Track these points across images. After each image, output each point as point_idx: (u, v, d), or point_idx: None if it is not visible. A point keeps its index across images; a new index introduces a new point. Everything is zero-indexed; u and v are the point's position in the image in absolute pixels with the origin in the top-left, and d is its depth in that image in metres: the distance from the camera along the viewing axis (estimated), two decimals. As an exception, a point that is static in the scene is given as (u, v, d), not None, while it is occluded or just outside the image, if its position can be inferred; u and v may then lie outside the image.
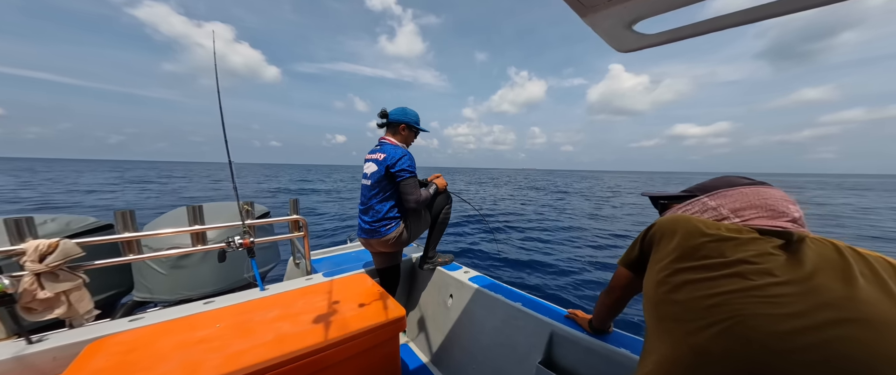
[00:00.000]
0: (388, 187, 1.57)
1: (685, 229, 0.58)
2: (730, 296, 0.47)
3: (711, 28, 0.56)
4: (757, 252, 0.50)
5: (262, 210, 2.35)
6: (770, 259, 0.48)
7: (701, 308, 0.49)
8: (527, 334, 1.30)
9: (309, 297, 1.27)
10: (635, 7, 0.53)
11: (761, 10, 0.50)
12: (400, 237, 1.62)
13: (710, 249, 0.53)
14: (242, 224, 1.53)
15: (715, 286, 0.49)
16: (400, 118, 1.66)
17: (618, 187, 28.26)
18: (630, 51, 0.70)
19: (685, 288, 0.52)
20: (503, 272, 4.78)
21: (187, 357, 0.88)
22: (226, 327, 1.05)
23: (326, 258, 2.20)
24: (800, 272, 0.46)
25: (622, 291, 0.82)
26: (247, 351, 0.91)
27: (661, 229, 0.63)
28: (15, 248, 1.06)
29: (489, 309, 1.51)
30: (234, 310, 1.18)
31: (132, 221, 1.39)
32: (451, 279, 1.78)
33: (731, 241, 0.53)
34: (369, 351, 1.09)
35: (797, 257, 0.48)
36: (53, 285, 1.09)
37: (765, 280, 0.46)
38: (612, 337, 1.10)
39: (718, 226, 0.57)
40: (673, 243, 0.58)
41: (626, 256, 0.75)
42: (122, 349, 0.92)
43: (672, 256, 0.57)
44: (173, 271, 1.73)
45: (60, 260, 1.11)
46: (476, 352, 1.51)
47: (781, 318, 0.43)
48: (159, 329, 1.04)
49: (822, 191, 32.51)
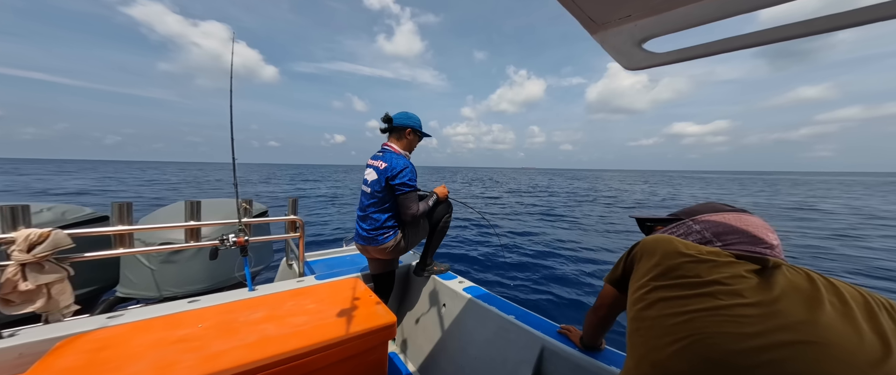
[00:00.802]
0: (387, 197, 1.55)
1: (665, 249, 0.61)
2: (697, 314, 0.50)
3: (722, 49, 0.56)
4: (730, 275, 0.52)
5: (260, 209, 2.33)
6: (742, 282, 0.50)
7: (667, 326, 0.52)
8: (518, 347, 1.27)
9: (298, 299, 1.23)
10: (646, 26, 0.53)
11: (771, 32, 0.50)
12: (397, 245, 1.59)
13: (688, 269, 0.55)
14: (239, 222, 1.50)
15: (685, 304, 0.52)
16: (405, 123, 1.64)
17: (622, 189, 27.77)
18: (639, 69, 0.69)
19: (657, 305, 0.55)
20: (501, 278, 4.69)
21: (162, 356, 0.84)
22: (208, 326, 1.01)
23: (321, 261, 2.16)
24: (767, 296, 0.48)
25: (608, 309, 0.84)
26: (226, 352, 0.87)
27: (644, 248, 0.66)
28: (3, 236, 1.04)
29: (481, 321, 1.47)
30: (218, 310, 1.14)
31: (128, 214, 1.37)
32: (445, 288, 1.74)
33: (708, 263, 0.54)
34: (356, 357, 1.05)
35: (769, 282, 0.50)
36: (36, 276, 1.06)
37: (733, 301, 0.49)
38: (603, 355, 1.08)
39: (698, 248, 0.59)
40: (653, 261, 0.61)
41: (611, 274, 0.76)
42: (94, 346, 0.87)
43: (651, 274, 0.59)
44: (162, 267, 1.69)
45: (49, 251, 1.08)
46: (464, 364, 1.47)
47: (742, 337, 0.45)
48: (137, 327, 1.00)
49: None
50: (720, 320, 0.48)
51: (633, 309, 0.59)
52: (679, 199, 19.81)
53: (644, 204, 16.31)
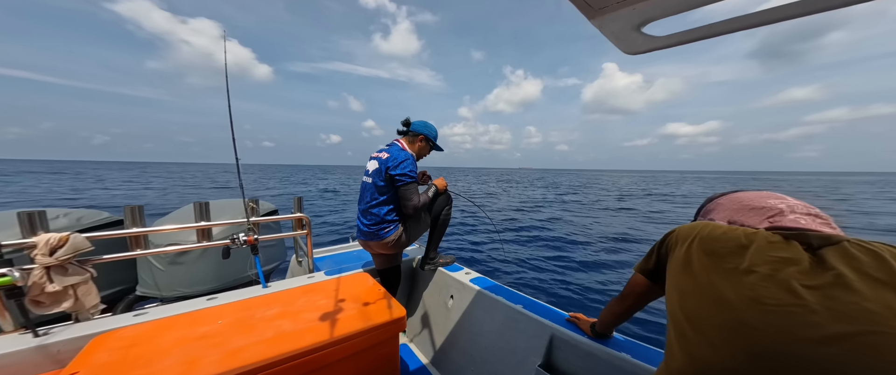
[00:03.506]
0: (387, 190, 1.57)
1: (703, 235, 0.58)
2: (743, 302, 0.46)
3: (722, 30, 0.55)
4: (778, 258, 0.48)
5: (268, 208, 2.37)
6: (791, 265, 0.46)
7: (712, 315, 0.48)
8: (527, 337, 1.29)
9: (310, 295, 1.28)
10: (645, 9, 0.52)
11: (771, 13, 0.49)
12: (398, 239, 1.62)
13: (730, 253, 0.52)
14: (247, 222, 1.55)
15: (730, 290, 0.48)
16: (420, 129, 1.69)
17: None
18: (638, 53, 0.69)
19: (700, 292, 0.52)
20: (504, 271, 4.76)
21: (188, 352, 0.89)
22: (227, 323, 1.06)
23: (329, 257, 2.21)
24: (820, 279, 0.44)
25: (636, 299, 0.81)
26: (246, 348, 0.92)
27: (679, 235, 0.63)
28: (26, 241, 1.09)
29: (489, 311, 1.50)
30: (235, 307, 1.19)
31: (140, 217, 1.41)
32: (451, 279, 1.77)
33: (751, 246, 0.51)
34: (369, 351, 1.09)
35: (822, 262, 0.46)
36: (62, 278, 1.11)
37: (783, 288, 0.45)
38: (613, 342, 1.09)
39: (735, 229, 0.56)
40: (692, 245, 0.58)
41: (643, 263, 0.74)
42: (125, 343, 0.93)
43: (691, 260, 0.56)
44: (177, 267, 1.75)
45: (70, 254, 1.13)
46: (475, 354, 1.50)
47: (802, 327, 0.41)
48: (162, 325, 1.05)
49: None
50: (769, 309, 0.44)
51: (673, 298, 0.56)
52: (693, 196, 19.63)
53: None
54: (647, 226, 9.05)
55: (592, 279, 4.48)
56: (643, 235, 7.61)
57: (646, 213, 12.08)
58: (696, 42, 0.60)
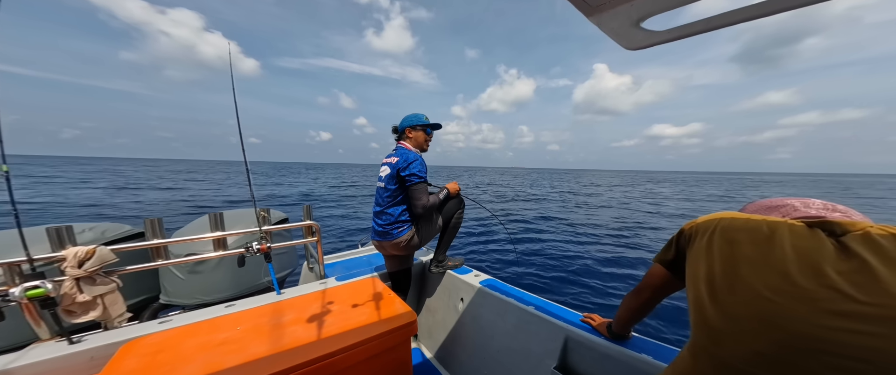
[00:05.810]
0: (399, 191, 1.63)
1: (723, 223, 0.57)
2: (767, 290, 0.46)
3: (721, 23, 0.54)
4: (803, 245, 0.47)
5: (279, 216, 2.43)
6: (815, 253, 0.46)
7: (738, 305, 0.48)
8: (540, 339, 1.27)
9: (322, 301, 1.31)
10: (643, 5, 0.52)
11: (767, 5, 0.49)
12: (411, 240, 1.65)
13: (752, 241, 0.51)
14: (260, 230, 1.60)
15: (755, 279, 0.48)
16: (407, 124, 1.75)
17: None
18: (639, 48, 0.69)
19: (723, 282, 0.51)
20: (514, 273, 4.74)
21: (209, 358, 0.93)
22: (245, 330, 1.10)
23: (339, 263, 2.25)
24: (846, 266, 0.44)
25: (653, 292, 0.77)
26: (264, 354, 0.95)
27: (699, 225, 0.62)
28: (56, 255, 1.15)
29: (500, 313, 1.50)
30: (252, 314, 1.23)
31: (160, 228, 1.48)
32: (461, 282, 1.79)
33: (775, 232, 0.50)
34: (381, 355, 1.11)
35: (847, 250, 0.45)
36: (91, 289, 1.18)
37: (811, 276, 0.45)
38: (631, 343, 1.05)
39: (756, 218, 0.55)
40: (714, 235, 0.57)
41: (662, 254, 0.71)
42: (152, 350, 0.98)
43: (712, 250, 0.55)
44: (196, 276, 1.82)
45: (97, 266, 1.19)
46: (487, 357, 1.51)
47: (820, 315, 0.42)
48: (185, 331, 1.10)
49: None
50: (794, 295, 0.44)
51: (695, 287, 0.56)
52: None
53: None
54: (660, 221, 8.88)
55: (605, 279, 4.43)
56: (659, 234, 7.48)
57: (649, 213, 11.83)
58: (695, 36, 0.59)
